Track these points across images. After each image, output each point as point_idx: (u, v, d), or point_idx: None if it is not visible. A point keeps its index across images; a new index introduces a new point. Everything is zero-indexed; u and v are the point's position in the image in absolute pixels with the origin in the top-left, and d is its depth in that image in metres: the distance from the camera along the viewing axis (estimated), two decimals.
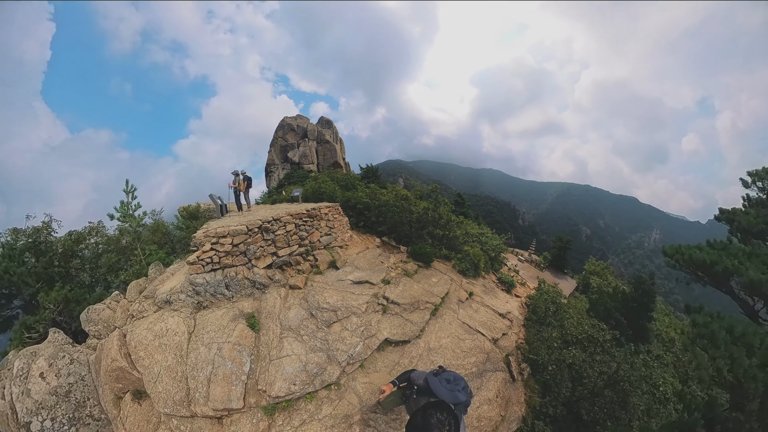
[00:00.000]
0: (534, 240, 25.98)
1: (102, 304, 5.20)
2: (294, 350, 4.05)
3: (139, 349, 3.94)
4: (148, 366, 3.78)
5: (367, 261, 6.73)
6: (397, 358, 4.50)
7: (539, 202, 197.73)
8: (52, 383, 4.00)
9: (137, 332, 4.15)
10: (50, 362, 4.14)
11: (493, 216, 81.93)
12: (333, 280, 5.65)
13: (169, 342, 4.04)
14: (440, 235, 9.39)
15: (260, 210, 8.39)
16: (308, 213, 6.54)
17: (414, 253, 7.87)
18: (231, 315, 4.52)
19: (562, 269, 18.91)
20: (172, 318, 4.37)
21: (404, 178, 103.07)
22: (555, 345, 5.87)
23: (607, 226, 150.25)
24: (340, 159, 31.60)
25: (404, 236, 9.11)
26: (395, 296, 5.48)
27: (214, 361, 3.78)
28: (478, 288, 8.01)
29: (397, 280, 6.12)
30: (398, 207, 9.33)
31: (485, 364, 5.04)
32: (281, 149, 30.54)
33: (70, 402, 3.98)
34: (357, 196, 10.74)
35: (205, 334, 4.15)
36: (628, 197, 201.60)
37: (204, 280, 4.84)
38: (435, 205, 9.93)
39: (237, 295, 4.96)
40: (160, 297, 4.73)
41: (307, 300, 5.01)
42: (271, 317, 4.57)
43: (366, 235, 8.99)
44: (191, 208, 9.47)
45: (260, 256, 5.46)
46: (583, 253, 30.32)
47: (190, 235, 7.74)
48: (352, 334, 4.46)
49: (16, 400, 3.93)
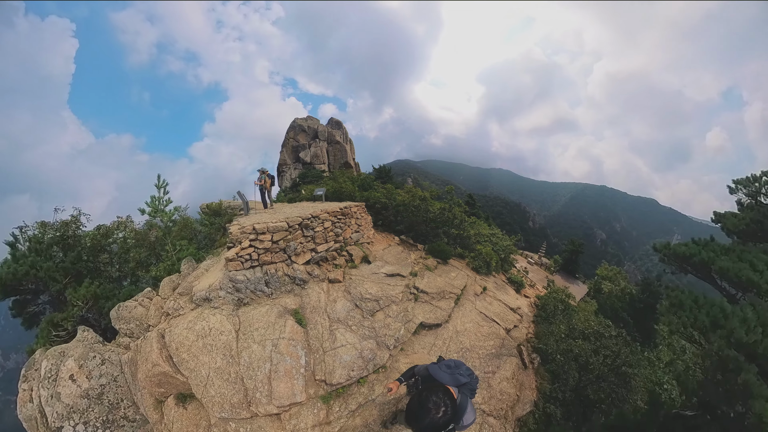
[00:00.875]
0: (544, 243, 25.82)
1: (134, 301, 5.09)
2: (348, 340, 4.34)
3: (182, 350, 3.71)
4: (194, 368, 3.58)
5: (394, 256, 7.50)
6: (432, 339, 5.13)
7: (551, 203, 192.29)
8: (83, 385, 3.85)
9: (177, 332, 3.92)
10: (80, 363, 4.00)
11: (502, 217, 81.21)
12: (368, 273, 6.08)
13: (214, 342, 3.85)
14: (455, 235, 10.15)
15: (284, 208, 8.84)
16: (341, 211, 7.00)
17: (432, 251, 8.61)
18: (276, 311, 4.49)
19: (574, 274, 18.95)
20: (214, 316, 4.20)
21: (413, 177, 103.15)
22: (562, 336, 6.22)
23: (623, 230, 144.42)
24: (350, 159, 32.63)
25: (421, 235, 9.85)
26: (424, 286, 6.21)
27: (271, 358, 3.73)
28: (491, 284, 8.69)
29: (421, 273, 6.87)
30: (416, 207, 10.04)
31: (501, 348, 5.71)
32: (293, 149, 31.68)
33: (103, 404, 3.84)
34: (375, 196, 11.52)
35: (254, 331, 4.07)
36: (646, 199, 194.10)
37: (245, 277, 4.80)
38: (450, 205, 10.70)
39: (277, 291, 4.96)
40: (199, 294, 4.58)
41: (350, 292, 5.35)
42: (317, 311, 4.76)
43: (385, 233, 9.76)
44: (214, 205, 9.59)
45: (300, 252, 5.60)
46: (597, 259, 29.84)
47: (214, 232, 8.15)
48: (395, 320, 4.95)
49: (45, 404, 3.80)
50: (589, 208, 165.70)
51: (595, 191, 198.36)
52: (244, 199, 7.83)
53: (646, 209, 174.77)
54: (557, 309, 8.21)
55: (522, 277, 11.57)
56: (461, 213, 10.98)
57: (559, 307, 8.32)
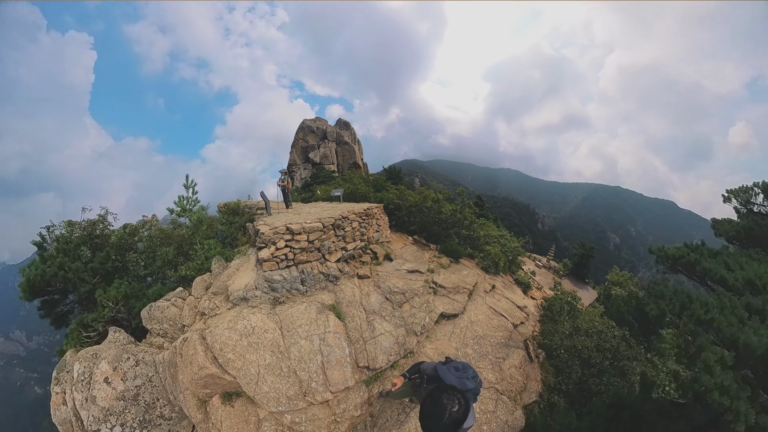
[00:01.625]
0: (554, 246, 25.13)
1: (166, 301, 5.07)
2: (385, 328, 4.84)
3: (226, 350, 3.75)
4: (242, 367, 3.62)
5: (411, 254, 8.21)
6: (450, 328, 5.77)
7: (561, 204, 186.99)
8: (118, 388, 3.86)
9: (218, 333, 3.94)
10: (114, 366, 4.00)
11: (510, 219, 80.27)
12: (392, 270, 6.60)
13: (260, 340, 3.94)
14: (465, 236, 10.70)
15: (303, 208, 9.41)
16: (365, 212, 7.53)
17: (445, 250, 9.24)
18: (315, 308, 4.70)
19: (584, 279, 18.60)
20: (254, 315, 4.28)
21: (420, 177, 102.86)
22: (566, 334, 6.57)
23: (639, 234, 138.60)
24: (359, 159, 33.33)
25: (434, 235, 10.44)
26: (441, 281, 6.92)
27: (321, 351, 3.99)
28: (499, 283, 9.26)
29: (437, 270, 7.57)
30: (428, 209, 10.61)
31: (509, 340, 6.31)
32: (302, 150, 32.50)
33: (139, 405, 3.87)
34: (388, 197, 12.18)
35: (298, 328, 4.25)
36: (664, 201, 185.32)
37: (282, 277, 4.95)
38: (461, 207, 11.20)
39: (311, 289, 5.17)
40: (236, 294, 4.67)
41: (380, 286, 5.86)
42: (353, 305, 5.10)
43: (398, 233, 10.40)
44: (232, 204, 9.80)
45: (333, 251, 5.89)
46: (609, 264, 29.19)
47: (235, 231, 8.18)
48: (419, 311, 5.54)
49: (80, 408, 3.80)
50: (602, 210, 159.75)
51: (608, 192, 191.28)
52: (267, 200, 8.10)
53: (664, 212, 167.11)
54: (563, 310, 8.47)
55: (529, 279, 11.67)
56: (471, 215, 11.47)
57: (565, 308, 8.58)
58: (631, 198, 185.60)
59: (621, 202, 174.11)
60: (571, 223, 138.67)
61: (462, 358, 5.21)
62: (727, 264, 3.46)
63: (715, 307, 2.72)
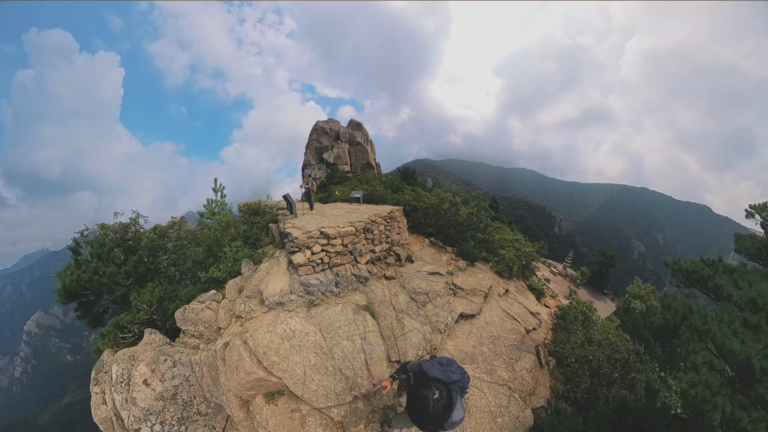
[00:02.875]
0: (571, 252, 23.86)
1: (200, 303, 5.24)
2: (413, 326, 5.21)
3: (270, 354, 3.98)
4: (287, 369, 3.87)
5: (430, 257, 8.65)
6: (468, 327, 6.19)
7: (581, 207, 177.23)
8: (157, 389, 4.04)
9: (259, 337, 4.17)
10: (152, 368, 4.19)
11: (525, 221, 77.95)
12: (414, 272, 6.96)
13: (302, 343, 4.19)
14: (481, 239, 10.91)
15: (325, 209, 9.59)
16: (389, 215, 7.80)
17: (461, 253, 9.60)
18: (351, 309, 4.99)
19: (602, 289, 17.74)
20: (292, 319, 4.52)
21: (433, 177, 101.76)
22: (578, 343, 6.68)
23: (667, 242, 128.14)
24: (372, 160, 33.95)
25: (450, 238, 10.74)
26: (459, 283, 7.41)
27: (364, 350, 4.32)
28: (512, 288, 9.52)
29: (455, 273, 8.04)
30: (445, 211, 10.72)
31: (521, 344, 6.66)
32: (316, 151, 33.01)
33: (177, 404, 4.04)
34: (405, 198, 12.55)
35: (338, 329, 4.55)
36: (697, 205, 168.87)
37: (318, 281, 5.16)
38: (477, 210, 11.25)
39: (344, 290, 5.41)
40: (271, 299, 4.85)
41: (405, 287, 6.21)
42: (384, 305, 5.48)
43: (415, 235, 10.72)
44: (253, 205, 10.00)
45: (363, 253, 6.24)
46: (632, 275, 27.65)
47: (257, 231, 8.41)
48: (441, 310, 5.93)
49: (120, 408, 4.00)
50: (625, 214, 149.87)
51: (633, 194, 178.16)
52: (292, 202, 8.21)
53: (696, 218, 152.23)
54: (577, 320, 8.42)
55: (543, 286, 11.49)
56: (487, 218, 11.42)
57: (579, 318, 8.53)
58: (659, 201, 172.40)
59: (647, 205, 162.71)
60: (591, 228, 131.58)
61: (479, 356, 5.66)
62: (736, 282, 3.73)
63: (714, 319, 3.08)
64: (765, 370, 2.41)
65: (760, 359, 2.45)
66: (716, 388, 2.43)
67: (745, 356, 2.44)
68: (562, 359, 6.59)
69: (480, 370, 5.34)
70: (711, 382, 2.47)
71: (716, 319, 3.07)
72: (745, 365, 2.45)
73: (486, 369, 5.45)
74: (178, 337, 5.23)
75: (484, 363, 5.56)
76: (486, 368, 5.47)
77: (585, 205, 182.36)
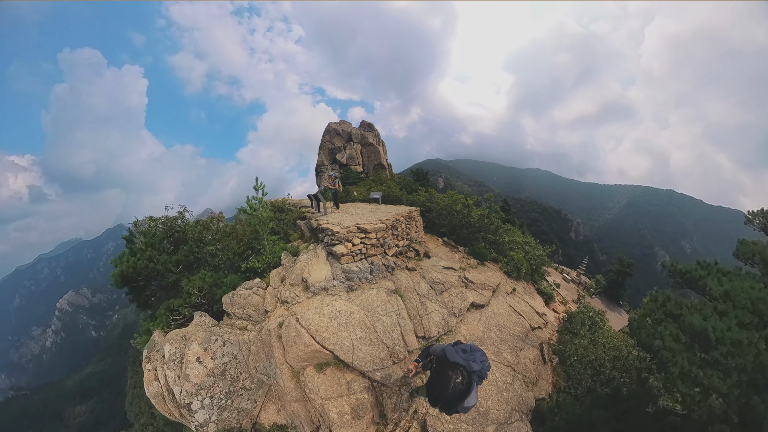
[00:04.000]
0: (586, 259, 23.40)
1: (247, 289, 5.80)
2: (435, 308, 6.08)
3: (321, 331, 4.60)
4: (337, 342, 4.49)
5: (444, 254, 9.53)
6: (478, 315, 6.96)
7: (600, 211, 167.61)
8: (208, 366, 4.43)
9: (309, 317, 4.79)
10: (205, 347, 4.59)
11: (538, 225, 75.38)
12: (431, 266, 7.84)
13: (348, 321, 4.87)
14: (491, 240, 11.50)
15: (348, 208, 10.56)
16: (409, 215, 8.82)
17: (473, 252, 10.36)
18: (384, 292, 5.81)
19: (618, 300, 17.15)
20: (336, 302, 5.22)
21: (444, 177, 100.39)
22: (582, 344, 6.89)
23: (695, 252, 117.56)
24: (384, 160, 34.70)
25: (462, 238, 11.48)
26: (471, 278, 8.26)
27: (399, 323, 5.16)
28: (520, 288, 10.02)
29: (467, 269, 8.87)
30: (458, 212, 11.45)
31: (526, 337, 7.20)
32: (329, 151, 33.85)
33: (226, 379, 4.45)
34: (419, 199, 13.32)
35: (377, 308, 5.33)
36: (730, 210, 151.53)
37: (357, 268, 6.10)
38: (489, 212, 11.83)
39: (376, 278, 6.24)
40: (317, 285, 5.61)
41: (425, 277, 7.08)
42: (409, 290, 6.34)
43: (429, 234, 11.55)
44: (278, 203, 11.11)
45: (391, 246, 7.28)
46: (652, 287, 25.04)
47: (286, 227, 9.26)
48: (455, 298, 6.78)
49: (173, 384, 4.37)
50: (649, 219, 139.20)
51: (658, 197, 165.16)
52: (322, 201, 9.04)
53: (729, 225, 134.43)
54: (584, 324, 8.45)
55: (552, 291, 11.62)
56: (498, 220, 12.03)
57: (586, 322, 8.56)
58: (688, 205, 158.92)
59: (674, 210, 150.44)
60: (610, 234, 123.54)
61: (487, 340, 6.36)
62: (720, 280, 4.25)
63: (686, 306, 3.68)
64: (720, 340, 3.05)
65: (716, 331, 3.08)
66: (677, 351, 3.09)
67: (702, 328, 3.07)
68: (565, 358, 6.85)
69: (489, 351, 6.06)
70: (673, 348, 3.14)
71: (689, 307, 3.67)
72: (704, 335, 3.09)
73: (493, 351, 6.19)
74: (224, 319, 5.71)
75: (492, 346, 6.32)
76: (493, 350, 6.21)
77: (604, 208, 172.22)
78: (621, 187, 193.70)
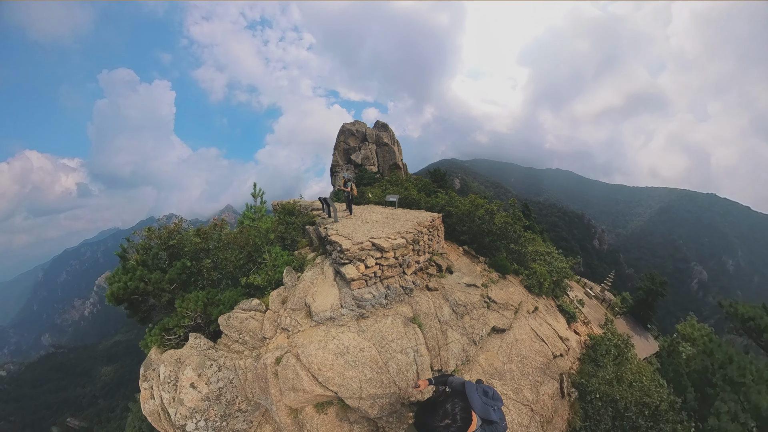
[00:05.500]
0: (612, 272, 20.57)
1: (244, 312, 5.31)
2: (455, 337, 5.39)
3: (324, 370, 4.15)
4: (342, 383, 4.04)
5: (466, 267, 8.42)
6: (498, 342, 6.22)
7: (628, 217, 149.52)
8: (203, 391, 4.30)
9: (311, 353, 4.34)
10: (199, 372, 4.45)
11: (557, 230, 69.36)
12: (453, 283, 6.91)
13: (357, 358, 4.35)
14: (513, 250, 10.59)
15: (362, 213, 9.64)
16: (432, 224, 7.61)
17: (494, 264, 9.48)
18: (401, 321, 5.07)
19: (645, 323, 14.99)
20: (344, 335, 4.64)
21: (460, 178, 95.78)
22: (606, 378, 6.06)
23: (739, 269, 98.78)
24: (399, 160, 34.20)
25: (483, 247, 10.42)
26: (493, 296, 7.48)
27: (416, 361, 4.60)
28: (542, 306, 9.23)
29: (489, 285, 8.00)
30: (480, 219, 10.47)
31: (547, 368, 6.39)
32: (344, 152, 33.91)
33: (221, 403, 4.32)
34: (439, 203, 12.26)
35: (391, 342, 4.72)
36: None
37: (371, 295, 5.20)
38: (513, 220, 10.75)
39: (392, 302, 5.41)
40: (321, 315, 4.94)
41: (448, 299, 6.24)
42: (429, 316, 5.53)
43: (449, 242, 10.21)
44: (288, 205, 10.00)
45: (411, 264, 6.15)
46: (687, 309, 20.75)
47: (295, 233, 8.45)
48: (477, 322, 6.04)
49: (168, 405, 4.28)
50: (686, 228, 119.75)
51: (697, 203, 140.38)
52: (333, 206, 8.34)
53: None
54: (609, 353, 7.64)
55: (575, 309, 10.60)
56: (521, 228, 11.03)
57: (612, 351, 7.72)
58: (732, 212, 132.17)
59: (716, 218, 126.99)
60: (639, 244, 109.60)
61: (507, 373, 5.75)
62: None
63: (753, 374, 2.96)
64: None
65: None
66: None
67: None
68: (585, 393, 6.17)
69: (507, 388, 5.52)
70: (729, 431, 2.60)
71: (755, 374, 3.10)
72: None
73: (513, 387, 5.61)
74: (221, 338, 5.34)
75: (512, 381, 5.74)
76: (513, 386, 5.62)
77: (633, 214, 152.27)
78: (653, 190, 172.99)
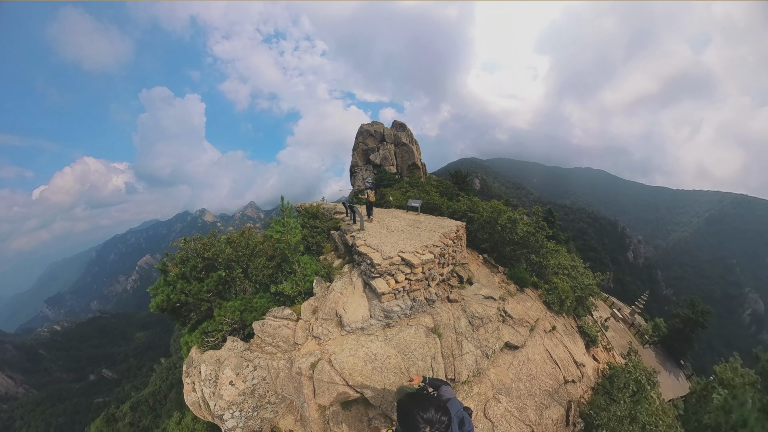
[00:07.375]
0: (647, 293, 17.98)
1: (276, 320, 5.92)
2: (469, 348, 5.75)
3: (354, 374, 4.77)
4: (369, 386, 4.67)
5: (485, 278, 8.56)
6: (510, 359, 6.31)
7: (670, 226, 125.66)
8: (240, 387, 4.92)
9: (342, 359, 4.97)
10: (237, 372, 5.07)
11: (585, 238, 60.08)
12: (472, 295, 7.10)
13: (383, 365, 4.92)
14: (534, 261, 10.14)
15: (384, 219, 9.78)
16: (456, 234, 7.84)
17: (513, 276, 9.26)
18: (423, 331, 5.54)
19: (678, 357, 12.82)
20: (372, 343, 5.23)
21: (480, 178, 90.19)
22: (618, 415, 5.66)
23: None
24: (417, 160, 33.81)
25: (503, 257, 10.16)
26: (509, 311, 7.57)
27: (432, 368, 5.07)
28: (560, 325, 8.80)
29: (506, 298, 8.02)
30: (502, 227, 10.18)
31: (555, 392, 6.35)
32: (363, 152, 34.29)
33: (254, 397, 4.97)
34: (461, 208, 11.79)
35: (414, 351, 5.26)
36: None
37: (399, 307, 5.74)
38: (536, 229, 10.24)
39: (416, 313, 5.86)
40: (353, 326, 5.55)
41: (465, 311, 6.56)
42: (448, 327, 5.96)
43: (469, 250, 10.07)
44: (311, 208, 10.08)
45: (435, 277, 6.50)
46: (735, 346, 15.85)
47: (320, 238, 8.70)
48: (491, 336, 6.27)
49: (208, 398, 4.96)
50: (741, 243, 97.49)
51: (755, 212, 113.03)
52: (359, 213, 8.45)
53: None
54: (627, 387, 6.99)
55: (597, 333, 9.91)
56: (544, 239, 10.50)
57: (630, 386, 7.05)
58: None
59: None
60: (682, 261, 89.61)
61: (514, 391, 5.89)
62: None
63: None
64: None
65: None
66: None
67: None
68: (592, 427, 5.85)
69: (512, 405, 5.63)
70: None
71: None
72: None
73: (518, 405, 5.68)
74: (253, 339, 5.94)
75: (518, 399, 5.79)
76: (518, 405, 5.69)
77: (676, 223, 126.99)
78: (701, 194, 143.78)
